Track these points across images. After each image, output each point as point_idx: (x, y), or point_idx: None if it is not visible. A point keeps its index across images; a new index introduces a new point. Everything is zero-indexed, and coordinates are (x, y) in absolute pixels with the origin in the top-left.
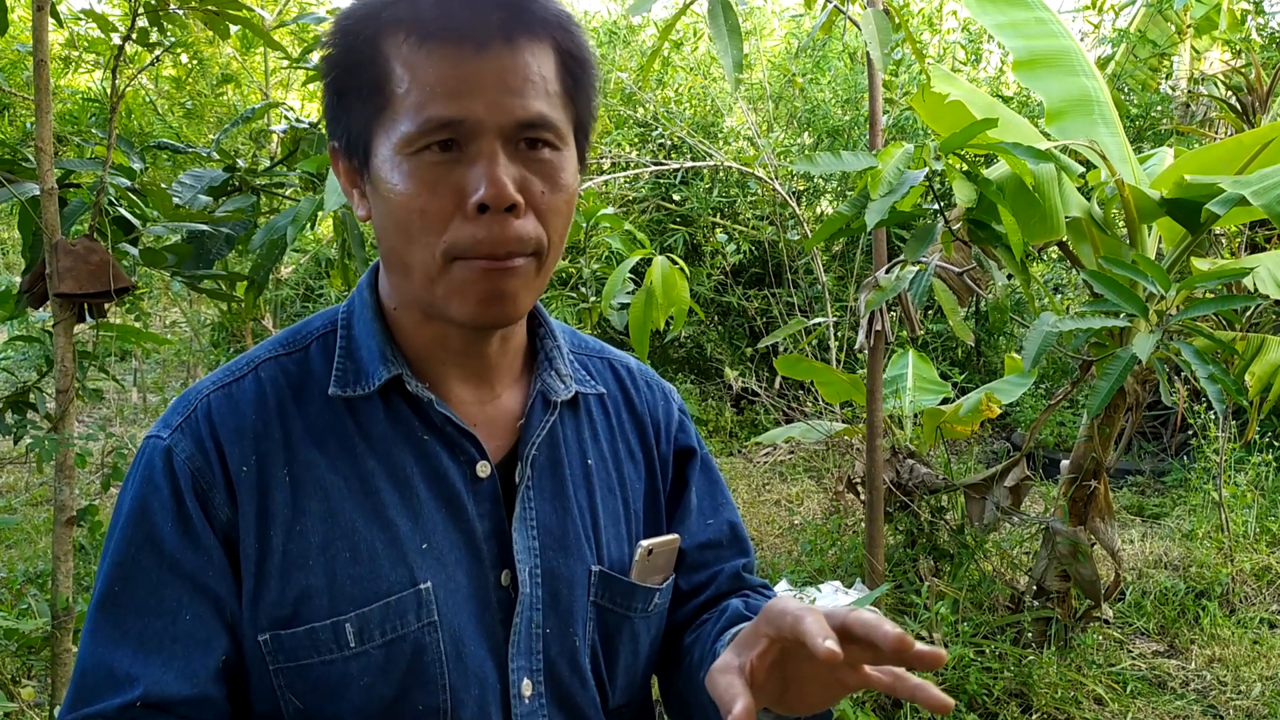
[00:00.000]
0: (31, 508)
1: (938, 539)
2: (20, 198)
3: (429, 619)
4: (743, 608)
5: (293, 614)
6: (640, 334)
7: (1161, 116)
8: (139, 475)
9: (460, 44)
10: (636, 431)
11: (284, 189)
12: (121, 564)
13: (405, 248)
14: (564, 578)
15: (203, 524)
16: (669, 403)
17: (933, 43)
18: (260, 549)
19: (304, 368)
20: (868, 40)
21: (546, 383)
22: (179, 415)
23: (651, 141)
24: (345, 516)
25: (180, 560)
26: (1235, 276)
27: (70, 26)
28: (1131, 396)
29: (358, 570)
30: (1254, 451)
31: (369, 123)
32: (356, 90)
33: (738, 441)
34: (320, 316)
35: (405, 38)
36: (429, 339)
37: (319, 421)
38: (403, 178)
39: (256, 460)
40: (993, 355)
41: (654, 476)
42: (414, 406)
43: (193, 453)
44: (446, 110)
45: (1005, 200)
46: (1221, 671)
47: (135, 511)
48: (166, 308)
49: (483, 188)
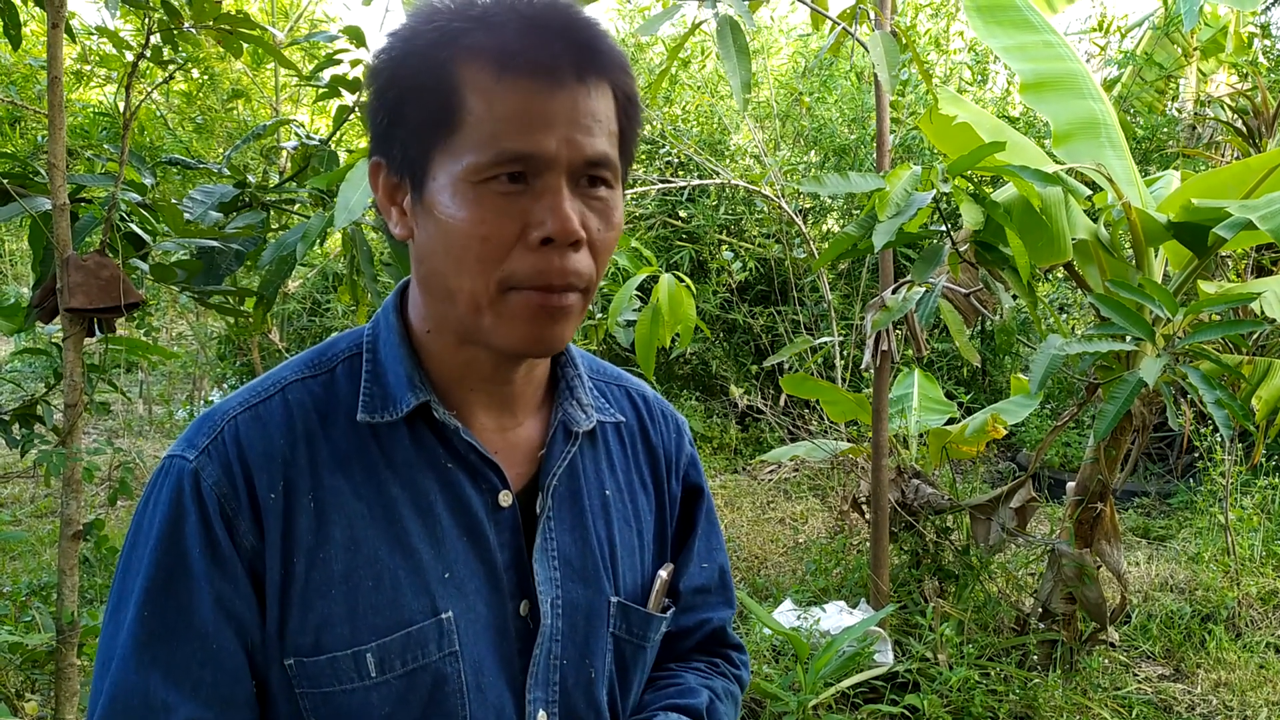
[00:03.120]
0: (36, 519)
1: (943, 560)
2: (32, 212)
3: (450, 649)
4: (693, 682)
5: (315, 642)
6: (646, 351)
7: (1168, 139)
8: (167, 497)
9: (537, 79)
10: (650, 463)
11: (294, 205)
12: (152, 588)
13: (456, 273)
14: (583, 609)
15: (230, 550)
16: (681, 437)
17: (940, 63)
18: (284, 576)
19: (330, 391)
20: (876, 63)
21: (568, 412)
22: (205, 436)
23: (659, 159)
24: (368, 544)
25: (211, 586)
26: (1242, 301)
27: (83, 41)
28: (1138, 419)
29: (379, 599)
30: (1260, 475)
31: (429, 146)
32: (419, 111)
33: (742, 459)
34: (345, 338)
35: (483, 67)
36: (458, 365)
37: (344, 447)
38: (466, 205)
39: (284, 486)
40: (998, 375)
41: (663, 510)
42: (438, 433)
43: (219, 478)
44: (520, 144)
45: (1012, 222)
46: (1227, 696)
47: (165, 535)
48: (174, 320)
49: (549, 222)
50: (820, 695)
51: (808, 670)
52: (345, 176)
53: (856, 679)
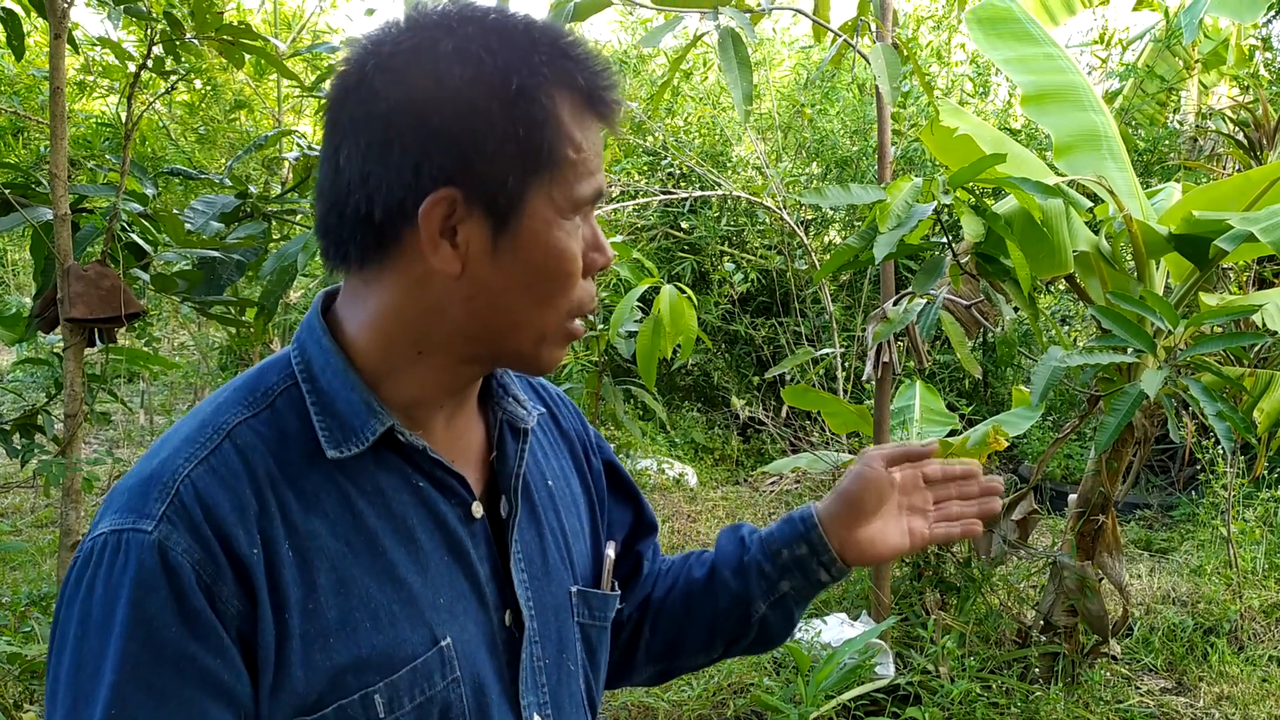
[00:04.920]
0: (37, 529)
1: (944, 572)
2: (33, 222)
3: (452, 675)
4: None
5: (319, 698)
6: (648, 362)
7: (1169, 151)
8: (126, 579)
9: (608, 117)
10: (567, 448)
11: (295, 215)
12: (121, 684)
13: (536, 306)
14: (551, 606)
15: (212, 620)
16: (579, 416)
17: (941, 75)
18: (279, 635)
19: (276, 429)
20: (877, 75)
21: (509, 411)
22: (158, 502)
23: (660, 170)
24: (358, 583)
25: (195, 665)
26: (1243, 313)
27: (86, 52)
28: (1139, 431)
29: (380, 639)
30: (1262, 487)
31: (525, 180)
32: (511, 144)
33: (744, 470)
34: (272, 370)
35: (574, 101)
36: (435, 383)
37: (309, 486)
38: (568, 239)
39: (262, 540)
40: (1000, 387)
41: (588, 490)
42: (402, 454)
43: (189, 544)
44: (601, 180)
45: (1013, 235)
46: (1230, 709)
47: (131, 621)
48: (175, 330)
49: (603, 254)
50: (821, 708)
51: (808, 682)
52: None
53: (857, 691)
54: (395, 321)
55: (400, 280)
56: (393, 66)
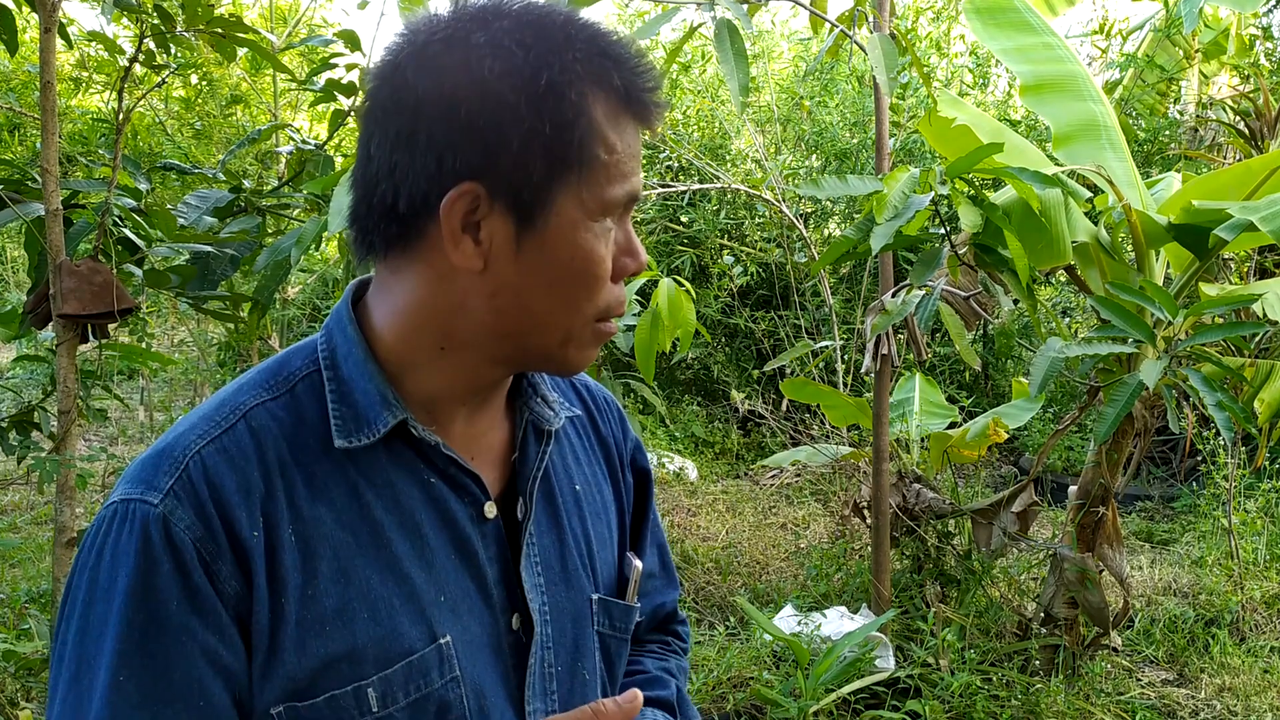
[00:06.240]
0: (36, 526)
1: (944, 564)
2: (25, 218)
3: (451, 674)
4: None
5: (310, 684)
6: (646, 356)
7: (1169, 141)
8: (131, 547)
9: (647, 119)
10: (603, 453)
11: (290, 210)
12: (125, 650)
13: (563, 307)
14: (569, 612)
15: (213, 598)
16: (624, 423)
17: (940, 66)
18: (273, 619)
19: (294, 414)
20: (874, 65)
21: (536, 411)
22: (166, 476)
23: (659, 163)
24: (359, 574)
25: (195, 640)
26: (1243, 303)
27: (80, 48)
28: (1139, 422)
29: (378, 631)
30: (1264, 478)
31: (552, 178)
32: (541, 141)
33: (744, 464)
34: (299, 354)
35: (609, 101)
36: (458, 380)
37: (320, 474)
38: (595, 241)
39: (264, 523)
40: (1000, 379)
41: (620, 499)
42: (416, 448)
43: (192, 521)
44: (637, 182)
45: (1012, 225)
46: (1231, 701)
47: (134, 590)
48: (174, 326)
49: (636, 258)
50: (821, 701)
51: (808, 676)
52: (340, 181)
53: (857, 685)
54: (419, 315)
55: (424, 274)
56: (426, 56)
